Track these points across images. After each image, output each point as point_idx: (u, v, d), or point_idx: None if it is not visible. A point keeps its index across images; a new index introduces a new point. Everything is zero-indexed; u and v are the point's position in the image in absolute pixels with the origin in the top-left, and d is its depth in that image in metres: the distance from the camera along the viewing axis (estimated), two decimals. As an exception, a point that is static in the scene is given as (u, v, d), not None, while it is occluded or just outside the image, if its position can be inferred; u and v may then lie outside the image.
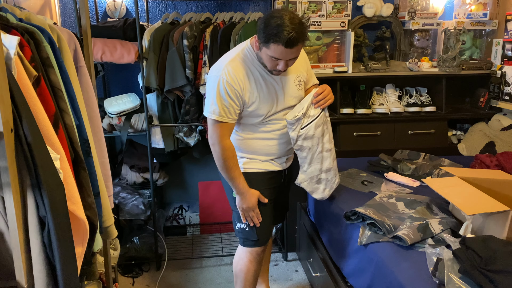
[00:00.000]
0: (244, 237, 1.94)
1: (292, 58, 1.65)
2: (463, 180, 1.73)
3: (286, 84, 1.82)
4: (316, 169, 1.90)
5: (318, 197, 1.98)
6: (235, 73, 1.70)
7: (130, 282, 2.55)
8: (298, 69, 1.85)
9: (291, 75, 1.83)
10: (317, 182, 1.94)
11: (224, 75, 1.70)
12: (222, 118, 1.72)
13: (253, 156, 1.89)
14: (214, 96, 1.71)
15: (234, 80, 1.69)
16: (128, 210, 2.58)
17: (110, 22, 2.57)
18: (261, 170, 1.89)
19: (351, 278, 1.81)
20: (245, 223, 1.90)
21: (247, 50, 1.76)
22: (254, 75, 1.75)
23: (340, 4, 2.69)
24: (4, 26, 1.04)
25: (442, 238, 1.55)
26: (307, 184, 1.94)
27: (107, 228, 1.45)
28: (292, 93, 1.84)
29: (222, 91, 1.70)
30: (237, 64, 1.72)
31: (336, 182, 1.98)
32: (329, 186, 1.96)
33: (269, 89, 1.78)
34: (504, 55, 2.67)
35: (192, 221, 3.08)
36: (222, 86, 1.70)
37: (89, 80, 1.47)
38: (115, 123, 2.57)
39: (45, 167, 0.92)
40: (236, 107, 1.73)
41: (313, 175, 1.92)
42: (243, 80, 1.71)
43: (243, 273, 2.00)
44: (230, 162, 1.77)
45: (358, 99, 2.77)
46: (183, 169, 3.18)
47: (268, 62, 1.68)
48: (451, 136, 2.86)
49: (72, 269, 0.99)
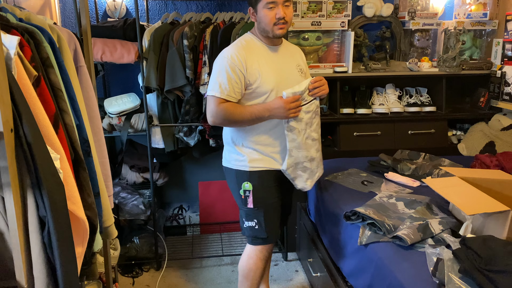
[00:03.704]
0: (253, 235, 1.94)
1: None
2: (463, 180, 1.73)
3: (289, 65, 1.90)
4: (303, 156, 1.87)
5: (299, 186, 1.93)
6: (237, 53, 1.78)
7: (130, 282, 2.55)
8: (297, 60, 1.97)
9: (292, 61, 1.93)
10: (301, 169, 1.90)
11: (226, 56, 1.79)
12: (221, 94, 1.76)
13: (256, 147, 1.88)
14: (215, 76, 1.79)
15: (235, 58, 1.77)
16: (128, 210, 2.59)
17: (110, 22, 2.57)
18: (265, 168, 1.89)
19: (351, 278, 1.81)
20: (254, 220, 1.90)
21: (247, 36, 1.88)
22: (256, 53, 1.82)
23: (340, 4, 2.69)
24: (4, 26, 1.03)
25: (442, 238, 1.55)
26: (292, 170, 1.89)
27: (107, 228, 1.45)
28: (295, 76, 1.89)
29: (223, 70, 1.77)
30: (239, 47, 1.81)
31: (317, 175, 1.96)
32: (311, 177, 1.93)
33: (272, 65, 1.84)
34: (504, 55, 2.67)
35: (192, 221, 3.08)
36: (224, 65, 1.77)
37: (89, 80, 1.47)
38: (115, 123, 2.57)
39: (45, 167, 0.92)
40: (236, 84, 1.77)
41: (299, 161, 1.87)
42: (245, 57, 1.78)
43: (253, 271, 1.99)
44: (234, 115, 1.77)
45: (358, 99, 2.78)
46: (183, 169, 3.18)
47: (267, 18, 1.76)
48: (451, 136, 2.86)
49: (72, 269, 0.99)
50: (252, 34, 1.88)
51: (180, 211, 3.10)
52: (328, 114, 2.74)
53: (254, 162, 1.88)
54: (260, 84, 1.80)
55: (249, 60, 1.78)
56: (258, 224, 1.90)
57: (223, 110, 1.76)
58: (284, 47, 1.95)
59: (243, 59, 1.77)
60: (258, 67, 1.79)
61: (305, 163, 1.89)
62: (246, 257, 2.01)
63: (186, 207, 3.13)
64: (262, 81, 1.80)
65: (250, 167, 1.88)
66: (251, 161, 1.88)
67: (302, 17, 2.65)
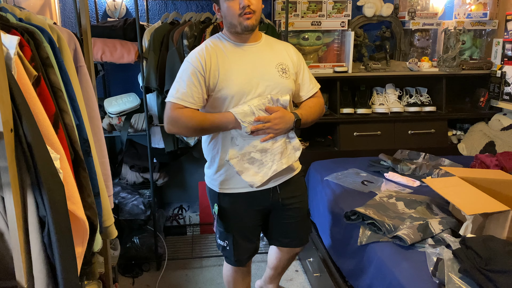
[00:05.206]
0: (224, 255, 1.88)
1: None
2: (463, 180, 1.73)
3: (264, 64, 1.68)
4: (250, 145, 1.65)
5: (247, 180, 1.67)
6: (198, 55, 1.62)
7: (130, 282, 2.55)
8: (281, 57, 1.72)
9: (271, 59, 1.70)
10: (249, 161, 1.66)
11: (188, 59, 1.64)
12: (177, 100, 1.59)
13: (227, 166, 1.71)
14: (175, 80, 1.64)
15: (195, 61, 1.61)
16: (128, 210, 2.58)
17: (110, 22, 2.57)
18: (237, 191, 1.73)
19: (351, 278, 1.81)
20: (225, 241, 1.80)
21: (215, 36, 1.72)
22: (221, 54, 1.64)
23: (340, 4, 2.69)
24: (4, 26, 1.04)
25: (442, 238, 1.55)
26: (237, 162, 1.66)
27: (107, 228, 1.45)
28: (271, 76, 1.67)
29: (184, 74, 1.62)
30: (202, 49, 1.65)
31: (273, 169, 1.67)
32: (263, 171, 1.67)
33: (239, 66, 1.64)
34: (504, 55, 2.67)
35: (192, 221, 3.08)
36: (184, 69, 1.63)
37: (89, 80, 1.47)
38: (115, 123, 2.57)
39: (45, 167, 0.92)
40: (196, 89, 1.59)
41: (246, 152, 1.65)
42: (206, 59, 1.61)
43: (232, 283, 1.98)
44: (191, 122, 1.60)
45: (358, 99, 2.78)
46: (183, 169, 3.18)
47: (230, 10, 1.58)
48: (451, 136, 2.86)
49: (72, 269, 0.99)
50: (221, 34, 1.71)
51: (180, 211, 3.09)
52: (328, 114, 2.73)
53: (224, 183, 1.76)
54: (222, 87, 1.61)
55: (212, 62, 1.62)
56: (229, 245, 1.80)
57: (178, 116, 1.58)
58: (265, 44, 1.73)
59: (203, 62, 1.60)
60: (220, 69, 1.62)
61: (253, 154, 1.66)
62: (224, 267, 1.99)
63: (186, 207, 3.13)
64: (223, 85, 1.61)
65: (220, 189, 1.77)
66: (222, 183, 1.77)
67: (302, 17, 2.65)
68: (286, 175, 1.77)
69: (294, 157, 1.73)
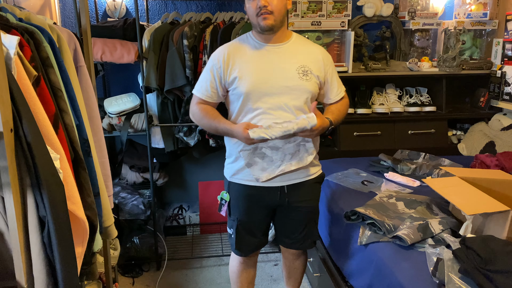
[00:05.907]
0: (230, 243, 1.95)
1: None
2: (463, 180, 1.73)
3: (284, 66, 1.69)
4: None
5: (254, 173, 1.70)
6: (218, 52, 1.73)
7: (130, 282, 2.55)
8: (306, 59, 1.72)
9: (293, 60, 1.71)
10: (259, 156, 1.69)
11: (211, 56, 1.75)
12: (198, 93, 1.74)
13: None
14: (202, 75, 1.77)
15: (215, 58, 1.72)
16: (128, 210, 2.58)
17: (110, 22, 2.57)
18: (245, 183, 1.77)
19: (351, 278, 1.81)
20: (231, 229, 1.88)
21: (245, 34, 1.79)
22: (242, 52, 1.71)
23: (340, 4, 2.68)
24: (4, 26, 1.03)
25: (442, 238, 1.55)
26: (247, 154, 1.68)
27: (107, 228, 1.45)
28: (289, 76, 1.68)
29: (206, 69, 1.75)
30: (227, 46, 1.76)
31: (281, 169, 1.68)
32: (269, 168, 1.70)
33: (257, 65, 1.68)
34: (504, 55, 2.67)
35: (192, 221, 3.08)
36: (208, 65, 1.75)
37: (89, 80, 1.47)
38: (115, 123, 2.57)
39: (45, 167, 0.92)
40: (212, 84, 1.71)
41: (258, 146, 1.67)
42: (227, 56, 1.70)
43: (235, 274, 2.03)
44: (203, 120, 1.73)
45: (358, 99, 2.77)
46: (183, 169, 3.18)
47: (250, 10, 1.64)
48: (451, 136, 2.86)
49: (72, 269, 0.99)
50: (250, 33, 1.77)
51: (180, 211, 3.09)
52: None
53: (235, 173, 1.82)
54: (238, 85, 1.68)
55: (232, 60, 1.68)
56: (234, 233, 1.88)
57: (196, 111, 1.74)
58: (293, 45, 1.74)
59: (222, 58, 1.69)
60: (238, 67, 1.67)
61: (265, 149, 1.68)
62: (230, 259, 2.05)
63: (186, 207, 3.12)
64: (239, 83, 1.67)
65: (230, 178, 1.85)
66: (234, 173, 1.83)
67: (302, 17, 2.65)
68: (297, 177, 1.77)
69: (306, 160, 1.73)
